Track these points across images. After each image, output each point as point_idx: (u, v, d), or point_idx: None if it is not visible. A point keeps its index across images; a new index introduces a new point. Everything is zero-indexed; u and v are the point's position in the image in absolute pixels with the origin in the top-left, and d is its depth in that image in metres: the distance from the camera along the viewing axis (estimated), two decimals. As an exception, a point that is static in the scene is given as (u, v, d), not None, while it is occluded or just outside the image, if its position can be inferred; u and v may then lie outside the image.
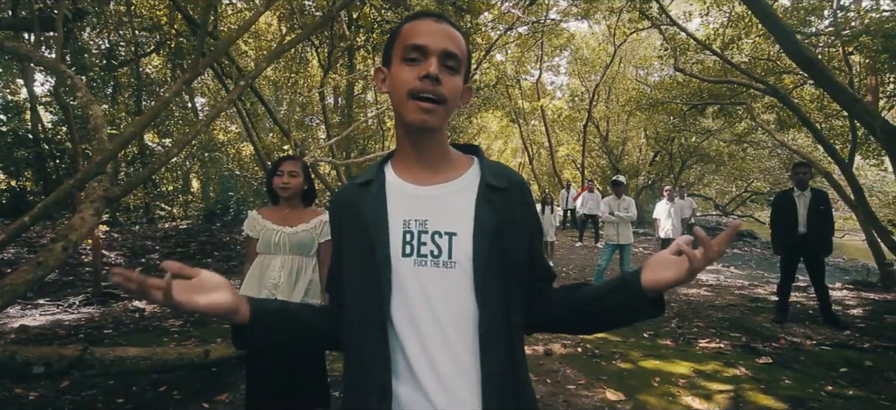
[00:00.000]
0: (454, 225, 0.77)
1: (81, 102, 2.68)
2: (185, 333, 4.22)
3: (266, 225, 2.07)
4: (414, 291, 0.74)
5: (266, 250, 2.05)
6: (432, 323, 0.73)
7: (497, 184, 0.81)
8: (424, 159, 0.82)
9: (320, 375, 2.16)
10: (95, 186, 2.47)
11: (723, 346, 3.75)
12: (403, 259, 0.75)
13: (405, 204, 0.79)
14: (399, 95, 0.77)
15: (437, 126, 0.77)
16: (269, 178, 2.12)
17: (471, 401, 0.72)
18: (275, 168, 2.11)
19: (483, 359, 0.73)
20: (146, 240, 10.35)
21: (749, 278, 7.58)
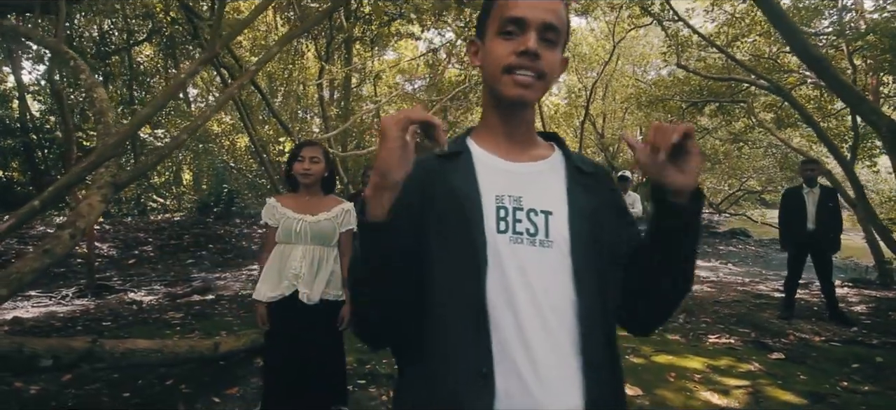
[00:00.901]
0: (549, 204, 0.72)
1: (86, 85, 2.57)
2: (187, 326, 4.12)
3: (286, 214, 1.98)
4: (511, 270, 0.68)
5: (286, 239, 1.98)
6: (531, 306, 0.67)
7: (585, 168, 0.78)
8: (514, 135, 0.77)
9: (339, 370, 2.09)
10: (102, 172, 2.36)
11: (733, 342, 3.74)
12: (499, 235, 0.69)
13: (496, 179, 0.74)
14: (493, 70, 0.72)
15: (533, 101, 0.73)
16: (289, 164, 2.04)
17: (572, 393, 0.66)
18: (295, 153, 2.03)
19: (583, 347, 0.67)
20: (139, 232, 10.17)
21: (748, 275, 7.63)
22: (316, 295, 1.94)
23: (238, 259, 9.10)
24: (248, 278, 7.27)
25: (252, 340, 3.05)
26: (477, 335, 0.66)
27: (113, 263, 8.17)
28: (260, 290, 1.97)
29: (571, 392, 0.66)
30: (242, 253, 9.51)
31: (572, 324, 0.67)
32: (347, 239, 2.09)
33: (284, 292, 1.92)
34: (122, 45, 12.03)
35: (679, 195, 0.66)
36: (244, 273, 7.75)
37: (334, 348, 2.05)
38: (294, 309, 1.92)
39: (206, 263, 8.45)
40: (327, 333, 2.01)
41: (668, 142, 0.62)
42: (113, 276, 7.23)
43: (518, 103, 0.73)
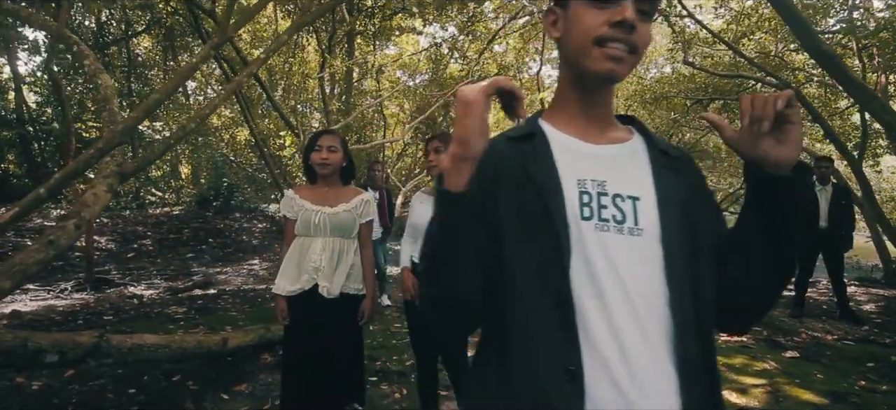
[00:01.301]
0: (636, 189, 0.66)
1: (90, 71, 2.49)
2: (190, 320, 4.04)
3: (304, 206, 1.92)
4: (598, 259, 0.62)
5: (305, 232, 1.92)
6: (621, 298, 0.61)
7: (670, 152, 0.72)
8: (594, 115, 0.71)
9: (357, 366, 2.03)
10: (108, 161, 2.28)
11: (745, 339, 3.70)
12: (583, 222, 0.63)
13: (577, 162, 0.67)
14: (581, 41, 0.65)
15: (623, 78, 0.66)
16: (306, 155, 1.98)
17: (667, 393, 0.60)
18: (312, 143, 1.96)
19: (677, 344, 0.61)
20: (137, 226, 10.07)
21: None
22: (336, 289, 1.88)
23: (238, 253, 9.02)
24: (249, 272, 7.20)
25: (260, 335, 2.98)
26: (563, 330, 0.60)
27: (112, 257, 8.07)
28: (279, 284, 1.92)
29: (667, 392, 0.60)
30: (243, 248, 9.43)
31: (665, 319, 0.62)
32: (367, 231, 2.04)
33: (304, 286, 1.87)
34: (121, 36, 11.87)
35: (780, 168, 0.60)
36: (245, 267, 7.68)
37: (354, 343, 2.00)
38: (314, 303, 1.86)
39: (206, 257, 8.37)
40: (347, 327, 1.95)
41: (771, 112, 0.57)
42: (112, 270, 7.14)
43: (607, 79, 0.66)
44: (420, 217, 1.98)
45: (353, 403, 2.00)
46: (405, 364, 3.08)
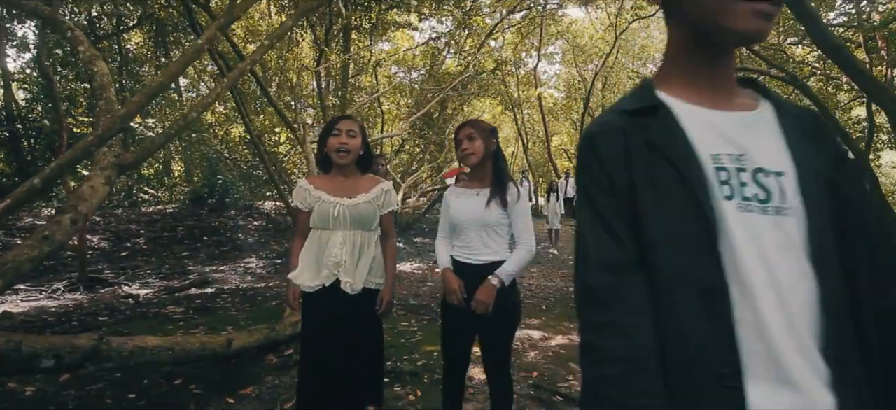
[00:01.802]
0: (778, 163, 0.56)
1: (85, 58, 2.34)
2: (190, 321, 3.90)
3: (321, 197, 1.80)
4: (743, 244, 0.53)
5: (323, 225, 1.79)
6: (770, 288, 0.52)
7: (805, 119, 0.63)
8: (720, 82, 0.62)
9: (379, 366, 1.91)
10: (105, 152, 2.14)
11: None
12: (725, 201, 0.54)
13: (707, 134, 0.58)
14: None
15: (766, 37, 0.58)
16: (322, 140, 1.85)
17: (822, 396, 0.51)
18: (330, 127, 1.83)
19: (827, 339, 0.52)
20: (130, 224, 9.86)
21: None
22: (359, 284, 1.77)
23: (234, 251, 8.85)
24: (247, 271, 7.04)
25: (265, 336, 2.85)
26: (715, 325, 0.52)
27: (104, 256, 7.88)
28: (299, 277, 1.79)
29: (822, 394, 0.51)
30: (239, 246, 9.26)
31: (815, 312, 0.53)
32: (389, 221, 1.92)
33: (325, 282, 1.75)
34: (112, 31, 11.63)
35: None
36: (242, 265, 7.51)
37: (376, 339, 1.89)
38: (334, 299, 1.75)
39: (202, 256, 8.20)
40: (369, 323, 1.84)
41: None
42: (105, 269, 6.96)
43: (754, 38, 0.57)
44: (458, 212, 1.83)
45: (370, 405, 1.88)
46: (417, 364, 2.97)
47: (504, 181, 1.79)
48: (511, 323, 1.79)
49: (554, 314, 4.25)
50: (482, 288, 1.68)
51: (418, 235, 11.26)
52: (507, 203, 1.76)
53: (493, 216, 1.75)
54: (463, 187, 1.90)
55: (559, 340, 3.46)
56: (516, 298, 1.80)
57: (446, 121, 17.09)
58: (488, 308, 1.67)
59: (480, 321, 1.73)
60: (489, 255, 1.76)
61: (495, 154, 1.82)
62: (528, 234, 1.76)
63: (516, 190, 1.79)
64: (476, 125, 1.83)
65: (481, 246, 1.78)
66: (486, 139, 1.80)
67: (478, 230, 1.78)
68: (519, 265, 1.73)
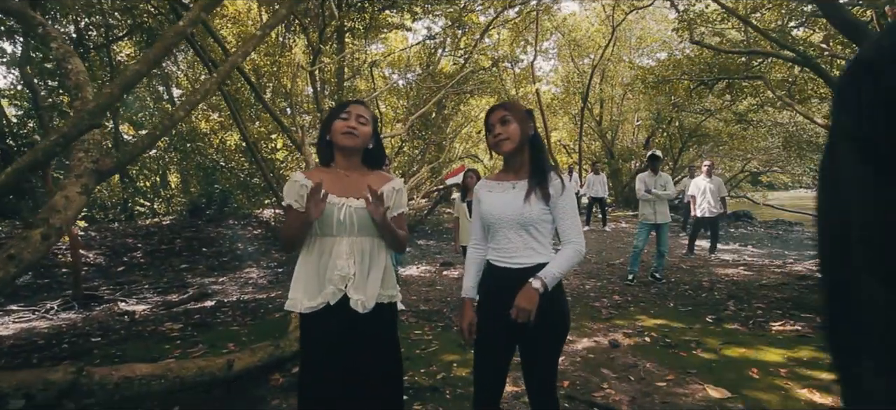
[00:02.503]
0: None
1: (58, 55, 2.10)
2: (188, 339, 3.65)
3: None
4: None
5: (326, 231, 1.51)
6: None
7: None
8: None
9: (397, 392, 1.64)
10: (82, 157, 1.90)
11: (800, 329, 3.39)
12: None
13: None
14: None
15: None
16: (326, 126, 1.57)
17: None
18: (338, 110, 1.55)
19: None
20: (127, 238, 9.60)
21: (772, 256, 7.33)
22: (372, 301, 1.50)
23: (234, 262, 8.60)
24: (247, 281, 6.80)
25: (269, 354, 2.61)
26: None
27: (101, 271, 7.62)
28: (294, 298, 1.51)
29: None
30: (238, 256, 9.01)
31: None
32: (400, 225, 1.63)
33: (329, 300, 1.47)
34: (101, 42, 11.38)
35: None
36: (242, 276, 7.26)
37: (393, 360, 1.60)
38: (341, 320, 1.48)
39: (200, 268, 7.94)
40: (382, 342, 1.56)
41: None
42: (101, 286, 6.70)
43: None
44: (492, 208, 1.57)
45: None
46: (437, 378, 2.73)
47: (545, 170, 1.53)
48: (557, 336, 1.52)
49: (574, 313, 4.01)
50: (523, 293, 1.42)
51: (422, 237, 11.01)
52: (550, 196, 1.49)
53: (533, 212, 1.48)
54: (496, 179, 1.63)
55: (585, 343, 3.22)
56: (563, 306, 1.53)
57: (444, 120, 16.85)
58: (531, 315, 1.41)
59: (521, 334, 1.49)
60: (531, 257, 1.50)
61: (533, 140, 1.56)
62: (575, 232, 1.50)
63: (560, 180, 1.52)
64: (510, 107, 1.56)
65: (521, 246, 1.51)
66: (523, 122, 1.53)
67: (516, 229, 1.51)
68: (566, 266, 1.46)
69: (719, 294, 4.54)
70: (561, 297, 1.53)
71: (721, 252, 7.32)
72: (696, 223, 6.92)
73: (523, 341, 1.52)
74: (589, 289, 4.94)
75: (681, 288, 4.89)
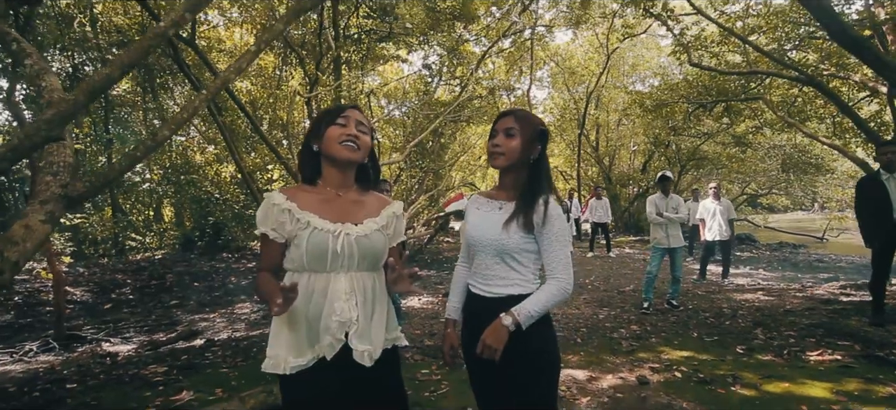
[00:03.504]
0: None
1: (32, 72, 1.90)
2: (172, 383, 3.32)
3: (310, 222, 1.21)
4: None
5: (318, 266, 1.20)
6: None
7: None
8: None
9: None
10: (49, 181, 1.67)
11: (840, 358, 3.12)
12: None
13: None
14: None
15: None
16: (316, 133, 1.29)
17: None
18: (332, 116, 1.28)
19: None
20: (116, 274, 9.26)
21: (786, 279, 7.10)
22: (379, 350, 1.25)
23: (227, 296, 8.24)
24: (239, 318, 6.45)
25: (261, 402, 2.32)
26: None
27: (87, 309, 7.25)
28: (275, 357, 1.20)
29: None
30: (231, 291, 8.66)
31: None
32: (397, 257, 1.39)
33: (325, 354, 1.19)
34: (96, 76, 11.30)
35: None
36: (235, 312, 6.92)
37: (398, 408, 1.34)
38: (336, 376, 1.20)
39: (191, 303, 7.59)
40: (387, 393, 1.30)
41: None
42: (85, 324, 6.34)
43: None
44: (472, 228, 1.40)
45: None
46: (450, 424, 2.43)
47: (535, 196, 1.33)
48: (542, 382, 1.29)
49: (592, 346, 3.73)
50: (491, 328, 1.25)
51: (422, 267, 10.70)
52: (533, 225, 1.30)
53: (511, 240, 1.31)
54: (487, 197, 1.45)
55: (610, 381, 2.93)
56: (549, 346, 1.32)
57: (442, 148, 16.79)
58: (496, 354, 1.23)
59: (503, 379, 1.29)
60: (507, 287, 1.33)
61: (535, 164, 1.37)
62: (561, 267, 1.31)
63: (546, 208, 1.32)
64: (521, 118, 1.36)
65: (499, 274, 1.34)
66: (528, 141, 1.34)
67: (493, 255, 1.34)
68: (545, 304, 1.27)
69: (744, 321, 4.28)
70: (543, 337, 1.32)
71: (733, 276, 7.07)
72: (707, 246, 6.70)
73: (506, 388, 1.30)
74: (603, 319, 4.66)
75: (701, 315, 4.62)
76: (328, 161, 1.29)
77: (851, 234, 15.07)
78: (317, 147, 1.29)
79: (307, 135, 1.33)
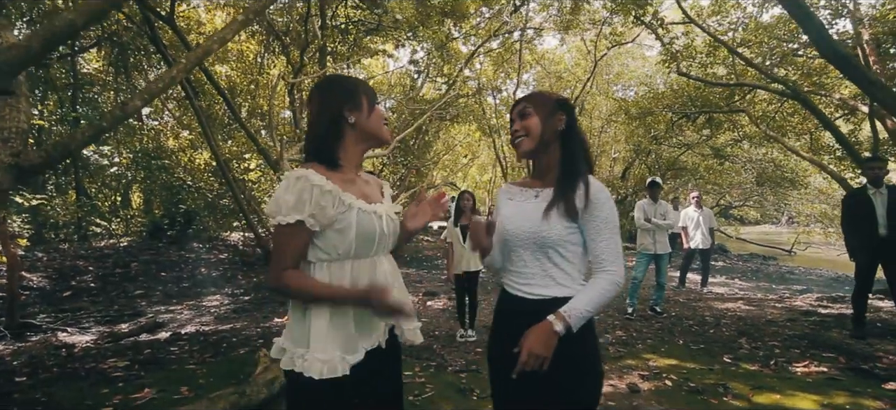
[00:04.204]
0: None
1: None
2: (132, 380, 3.07)
3: (354, 204, 1.09)
4: None
5: (365, 251, 1.11)
6: None
7: None
8: None
9: None
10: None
11: (826, 370, 3.12)
12: None
13: None
14: None
15: None
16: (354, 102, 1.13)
17: None
18: (374, 94, 1.19)
19: None
20: (78, 260, 8.75)
21: (761, 290, 7.22)
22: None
23: (196, 288, 7.88)
24: (209, 311, 6.15)
25: (231, 405, 2.12)
26: None
27: (44, 297, 6.81)
28: (329, 359, 1.02)
29: None
30: (201, 282, 8.30)
31: None
32: None
33: (380, 342, 1.14)
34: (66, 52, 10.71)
35: None
36: (203, 304, 6.60)
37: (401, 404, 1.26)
38: (371, 369, 1.11)
39: (157, 294, 7.22)
40: (398, 379, 1.24)
41: None
42: (41, 313, 5.94)
43: None
44: (507, 221, 1.24)
45: None
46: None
47: (575, 175, 1.18)
48: (585, 395, 1.15)
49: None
50: (536, 332, 1.08)
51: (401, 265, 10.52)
52: (576, 210, 1.15)
53: (554, 230, 1.15)
54: (520, 185, 1.30)
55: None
56: (594, 357, 1.17)
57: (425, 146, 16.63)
58: (544, 364, 1.07)
59: (539, 390, 1.13)
60: (550, 288, 1.16)
61: (565, 137, 1.22)
62: (611, 256, 1.15)
63: (588, 189, 1.16)
64: (532, 97, 1.25)
65: (539, 273, 1.18)
66: (547, 115, 1.21)
67: (533, 250, 1.18)
68: (598, 302, 1.11)
69: (728, 330, 4.27)
70: (591, 344, 1.17)
71: (711, 284, 7.15)
72: (688, 254, 6.75)
73: (543, 402, 1.15)
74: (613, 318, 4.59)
75: (685, 323, 4.61)
76: (363, 138, 1.17)
77: (818, 248, 15.62)
78: (353, 119, 1.13)
79: (337, 105, 1.12)
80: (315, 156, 1.12)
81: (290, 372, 1.05)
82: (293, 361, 1.04)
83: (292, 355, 1.05)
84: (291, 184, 1.03)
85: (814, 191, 13.87)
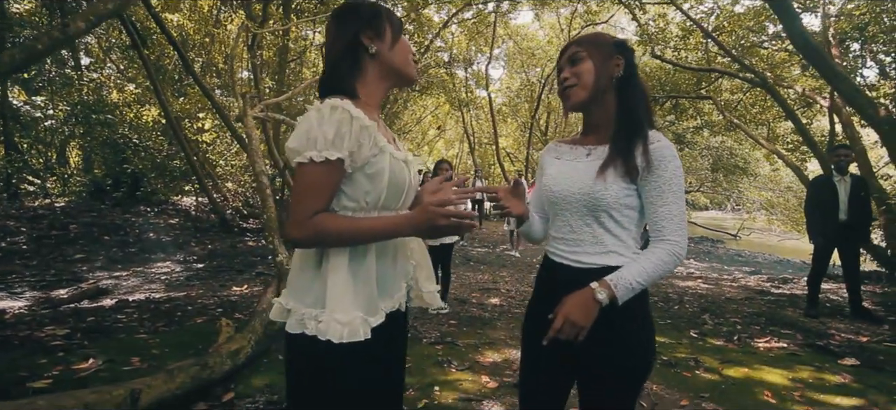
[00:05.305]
0: None
1: None
2: (74, 349, 2.75)
3: (386, 148, 0.93)
4: None
5: (393, 201, 0.97)
6: None
7: None
8: None
9: None
10: None
11: (787, 346, 3.25)
12: None
13: None
14: None
15: None
16: (379, 33, 0.95)
17: None
18: (400, 24, 1.01)
19: None
20: (8, 221, 7.96)
21: (714, 270, 7.57)
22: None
23: (144, 254, 7.36)
24: (160, 277, 5.74)
25: (192, 378, 1.91)
26: None
27: (-35, 259, 6.13)
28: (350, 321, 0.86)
29: None
30: (150, 247, 7.75)
31: None
32: None
33: (400, 304, 1.01)
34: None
35: None
36: (152, 271, 6.16)
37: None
38: (391, 333, 0.98)
39: (100, 259, 6.67)
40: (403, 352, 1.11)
41: None
42: (-38, 277, 5.33)
43: None
44: (554, 182, 1.10)
45: None
46: (418, 406, 2.18)
47: (636, 131, 1.02)
48: (634, 375, 1.04)
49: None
50: (575, 299, 0.97)
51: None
52: (636, 169, 1.00)
53: (609, 192, 1.00)
54: (570, 143, 1.15)
55: (579, 361, 2.83)
56: (646, 333, 1.05)
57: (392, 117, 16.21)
58: (580, 334, 0.96)
59: (580, 362, 1.03)
60: (601, 256, 1.03)
61: (622, 85, 1.05)
62: (673, 224, 1.00)
63: (649, 145, 1.01)
64: (586, 39, 1.08)
65: (589, 239, 1.04)
66: (602, 59, 1.04)
67: (582, 214, 1.04)
68: (650, 274, 0.98)
69: (691, 306, 4.41)
70: (642, 318, 1.04)
71: (670, 264, 7.42)
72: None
73: (583, 375, 1.05)
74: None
75: (650, 299, 4.73)
76: (386, 73, 0.99)
77: (761, 234, 16.69)
78: (375, 49, 0.95)
79: (354, 29, 0.94)
80: (331, 91, 0.92)
81: (298, 336, 0.87)
82: (304, 323, 0.87)
83: (302, 317, 0.88)
84: (327, 114, 0.85)
85: (762, 178, 14.67)
